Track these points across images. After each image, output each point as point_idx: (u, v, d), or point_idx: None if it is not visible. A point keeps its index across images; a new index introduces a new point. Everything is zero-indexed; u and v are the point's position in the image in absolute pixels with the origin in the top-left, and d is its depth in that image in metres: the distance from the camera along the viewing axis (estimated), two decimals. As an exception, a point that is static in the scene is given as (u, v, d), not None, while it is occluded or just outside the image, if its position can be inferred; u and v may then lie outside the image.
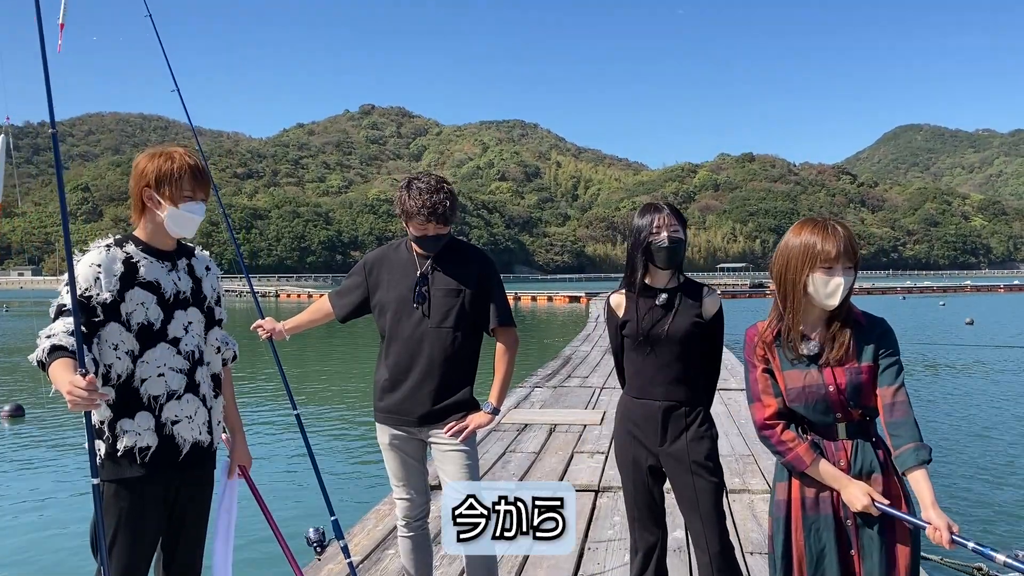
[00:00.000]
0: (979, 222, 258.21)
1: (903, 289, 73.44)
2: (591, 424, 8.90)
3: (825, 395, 2.53)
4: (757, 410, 2.63)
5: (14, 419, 13.17)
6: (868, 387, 2.53)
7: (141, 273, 2.70)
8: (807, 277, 2.53)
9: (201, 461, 2.81)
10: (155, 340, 2.68)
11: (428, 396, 3.36)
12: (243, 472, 3.08)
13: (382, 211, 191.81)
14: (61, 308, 2.57)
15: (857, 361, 2.53)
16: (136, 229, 2.80)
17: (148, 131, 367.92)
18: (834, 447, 2.55)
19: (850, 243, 2.52)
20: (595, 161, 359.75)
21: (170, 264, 2.79)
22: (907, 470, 2.44)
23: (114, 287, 2.62)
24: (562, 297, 60.34)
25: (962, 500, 8.38)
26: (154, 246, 2.77)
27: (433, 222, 3.30)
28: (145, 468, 2.63)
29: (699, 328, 3.22)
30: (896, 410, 2.49)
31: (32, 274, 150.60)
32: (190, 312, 2.80)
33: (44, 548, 7.12)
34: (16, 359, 23.45)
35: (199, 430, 2.77)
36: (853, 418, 2.55)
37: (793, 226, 2.65)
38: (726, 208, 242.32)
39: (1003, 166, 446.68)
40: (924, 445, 2.44)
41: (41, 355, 2.49)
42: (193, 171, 2.73)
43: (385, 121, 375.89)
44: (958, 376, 18.44)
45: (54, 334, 2.52)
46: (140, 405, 2.65)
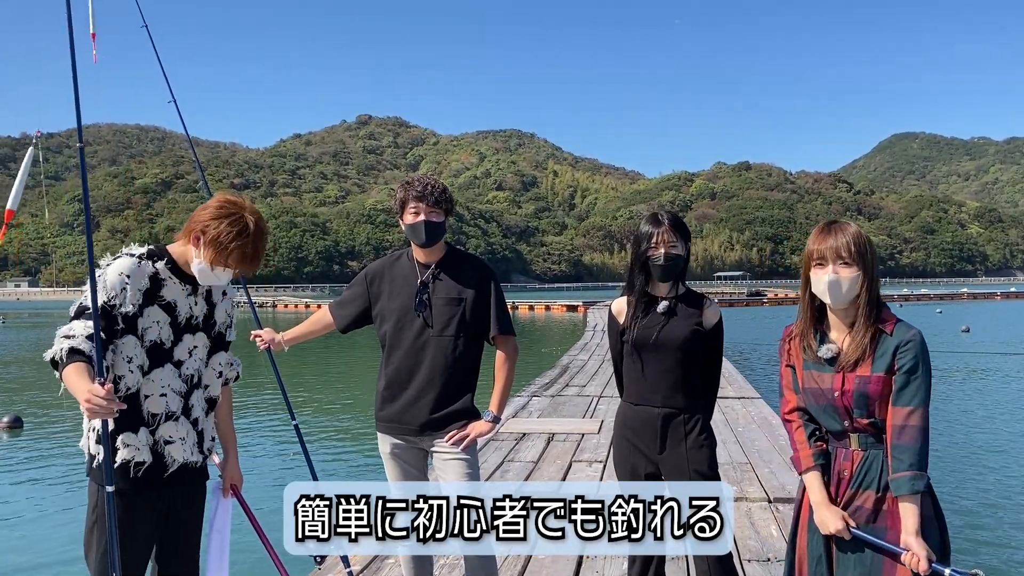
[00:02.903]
0: (975, 230, 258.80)
1: (900, 297, 73.48)
2: (589, 433, 8.91)
3: (832, 399, 2.53)
4: (782, 403, 2.73)
5: (12, 431, 13.14)
6: (876, 398, 2.47)
7: (163, 292, 2.72)
8: (808, 276, 2.59)
9: (191, 479, 2.83)
10: (163, 360, 2.71)
11: (429, 405, 3.38)
12: (235, 491, 3.09)
13: (379, 221, 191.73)
14: (83, 308, 2.56)
15: (869, 370, 2.49)
16: (177, 243, 2.80)
17: (145, 142, 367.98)
18: (843, 455, 2.55)
19: (850, 242, 2.51)
20: (592, 170, 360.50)
21: (191, 288, 2.81)
22: (900, 496, 2.43)
23: (137, 301, 2.64)
24: (559, 306, 60.35)
25: (959, 506, 8.38)
26: (181, 267, 2.78)
27: (426, 204, 3.34)
28: (136, 483, 2.65)
29: (699, 337, 3.25)
30: (905, 434, 2.42)
31: (29, 285, 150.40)
32: (197, 337, 2.83)
33: (42, 559, 7.10)
34: (14, 371, 23.38)
35: (190, 451, 2.79)
36: (862, 428, 2.51)
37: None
38: (723, 217, 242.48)
39: (999, 174, 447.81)
40: (922, 475, 2.41)
41: (59, 355, 2.49)
42: (244, 254, 2.69)
43: (382, 131, 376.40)
44: (955, 384, 18.45)
45: (74, 335, 2.51)
46: (141, 421, 2.67)
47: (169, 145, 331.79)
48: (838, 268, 2.51)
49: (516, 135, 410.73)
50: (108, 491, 2.48)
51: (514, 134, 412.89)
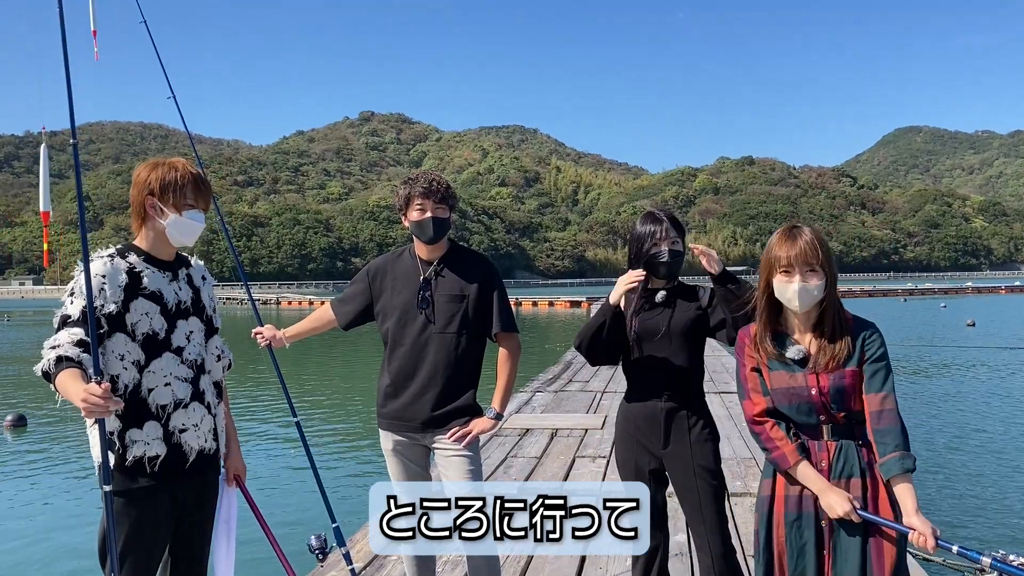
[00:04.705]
0: (980, 224, 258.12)
1: (904, 291, 73.47)
2: (592, 429, 8.90)
3: (808, 398, 2.57)
4: (747, 406, 2.70)
5: (16, 429, 13.17)
6: (851, 391, 2.56)
7: (144, 283, 2.71)
8: (772, 283, 2.62)
9: (206, 468, 2.83)
10: (160, 350, 2.70)
11: (431, 401, 3.37)
12: (238, 482, 3.08)
13: (382, 218, 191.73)
14: (65, 319, 2.57)
15: (842, 366, 2.56)
16: (136, 239, 2.82)
17: (148, 139, 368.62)
18: (818, 447, 2.60)
19: (811, 248, 2.55)
20: (595, 166, 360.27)
21: (171, 274, 2.81)
22: (891, 478, 2.48)
23: (118, 298, 2.63)
24: (563, 302, 60.31)
25: (960, 501, 8.37)
26: (155, 256, 2.79)
27: (432, 201, 3.34)
28: (155, 478, 2.64)
29: (702, 319, 3.27)
30: (883, 418, 2.51)
31: (33, 283, 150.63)
32: (191, 321, 2.81)
33: (49, 559, 7.11)
34: (18, 369, 23.44)
35: (205, 438, 2.79)
36: (837, 420, 2.58)
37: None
38: (726, 212, 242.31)
39: (1003, 167, 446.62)
40: (909, 454, 2.48)
41: (47, 366, 2.49)
42: (196, 180, 2.79)
43: (385, 128, 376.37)
44: (960, 378, 18.42)
45: (59, 345, 2.51)
46: (148, 415, 2.66)
47: (172, 142, 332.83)
48: (806, 276, 2.56)
49: (519, 131, 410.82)
50: (106, 490, 2.46)
51: (517, 130, 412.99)
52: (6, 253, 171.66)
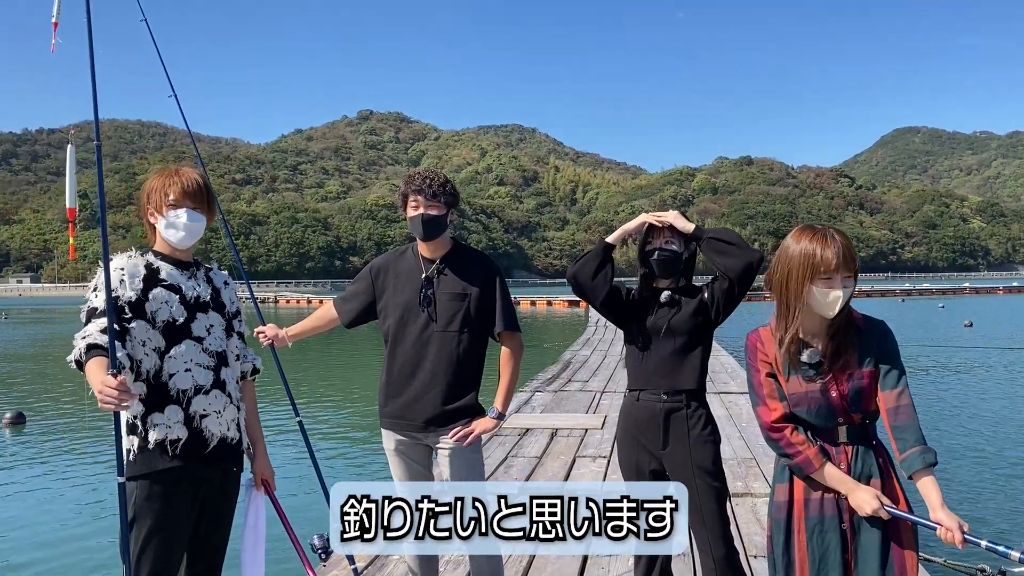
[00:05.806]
0: (977, 224, 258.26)
1: (902, 292, 73.43)
2: (592, 428, 8.90)
3: (828, 401, 2.54)
4: (763, 413, 2.63)
5: (15, 427, 13.16)
6: (869, 391, 2.54)
7: (163, 276, 2.81)
8: (807, 288, 2.51)
9: (228, 456, 2.87)
10: (180, 337, 2.77)
11: (433, 401, 3.37)
12: (266, 487, 3.11)
13: (381, 216, 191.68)
14: (92, 312, 2.66)
15: (858, 367, 2.54)
16: (155, 246, 2.92)
17: (146, 138, 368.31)
18: (835, 451, 2.57)
19: (849, 252, 2.51)
20: (593, 165, 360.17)
21: (189, 272, 2.90)
22: (914, 473, 2.45)
23: (138, 287, 2.72)
24: (561, 301, 60.27)
25: (965, 501, 8.37)
26: (171, 256, 2.88)
27: (424, 197, 3.34)
28: (176, 459, 2.69)
29: (704, 312, 3.26)
30: (900, 414, 2.49)
31: (31, 281, 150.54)
32: (211, 316, 2.89)
33: (60, 552, 7.09)
34: (16, 367, 23.40)
35: (227, 426, 2.84)
36: (854, 422, 2.56)
37: (792, 233, 2.61)
38: (725, 211, 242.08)
39: (1001, 168, 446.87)
40: (929, 448, 2.46)
41: (78, 355, 2.56)
42: (182, 182, 2.84)
43: (383, 126, 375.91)
44: (958, 378, 18.43)
45: (88, 334, 2.59)
46: (169, 399, 2.72)
47: (171, 141, 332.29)
48: (846, 280, 2.51)
49: (517, 130, 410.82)
50: (119, 481, 2.53)
51: (515, 129, 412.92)
52: (4, 251, 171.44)
